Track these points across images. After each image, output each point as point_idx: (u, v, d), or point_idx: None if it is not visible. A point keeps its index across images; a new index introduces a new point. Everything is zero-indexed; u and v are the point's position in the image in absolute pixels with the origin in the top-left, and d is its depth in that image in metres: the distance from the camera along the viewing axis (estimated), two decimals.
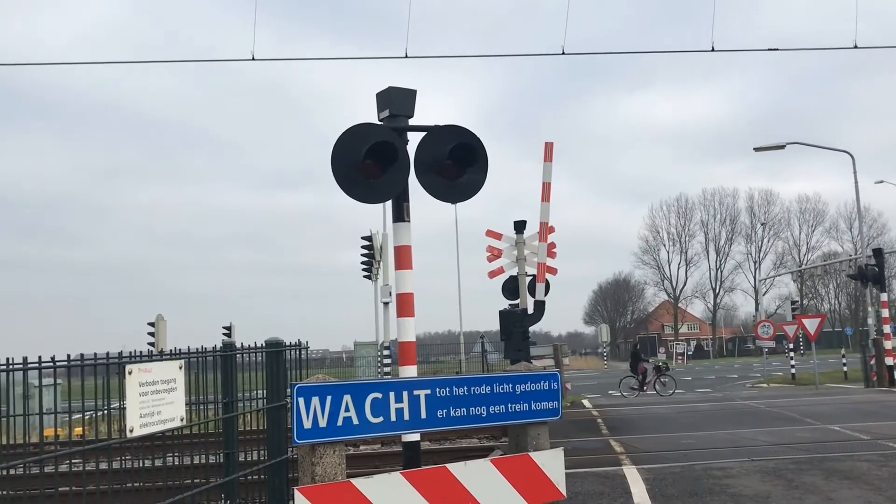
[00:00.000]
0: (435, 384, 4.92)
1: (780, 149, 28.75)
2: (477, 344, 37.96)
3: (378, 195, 6.93)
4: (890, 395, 18.82)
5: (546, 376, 5.32)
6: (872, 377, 23.58)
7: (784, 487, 7.83)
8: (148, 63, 27.58)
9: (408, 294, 6.88)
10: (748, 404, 18.04)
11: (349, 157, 6.43)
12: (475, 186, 6.95)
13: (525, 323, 14.76)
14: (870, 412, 14.85)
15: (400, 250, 6.89)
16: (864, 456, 9.47)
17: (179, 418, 4.10)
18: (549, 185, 14.07)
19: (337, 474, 4.50)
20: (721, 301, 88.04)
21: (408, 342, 6.83)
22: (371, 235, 27.72)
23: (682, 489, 7.97)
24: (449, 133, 6.79)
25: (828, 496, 7.37)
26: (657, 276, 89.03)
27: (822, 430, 12.48)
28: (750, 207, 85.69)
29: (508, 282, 17.22)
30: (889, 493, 7.35)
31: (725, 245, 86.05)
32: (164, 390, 3.96)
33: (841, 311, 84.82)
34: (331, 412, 4.48)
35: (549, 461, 5.27)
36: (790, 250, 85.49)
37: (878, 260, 23.81)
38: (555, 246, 16.29)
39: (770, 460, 9.45)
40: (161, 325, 26.60)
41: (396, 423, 4.75)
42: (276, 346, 5.40)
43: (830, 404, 16.93)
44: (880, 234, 75.88)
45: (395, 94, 6.84)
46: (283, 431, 5.31)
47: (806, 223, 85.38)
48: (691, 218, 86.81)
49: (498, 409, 5.09)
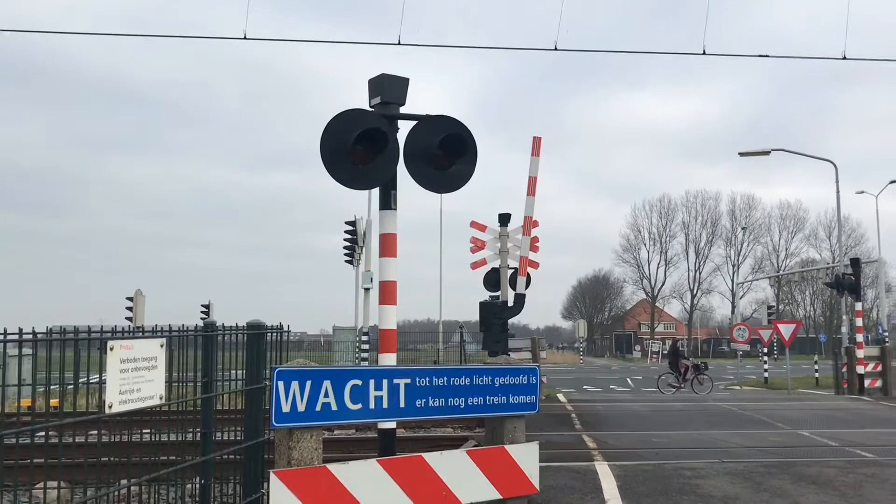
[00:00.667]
0: (415, 374, 4.95)
1: (764, 155, 28.96)
2: (455, 333, 38.06)
3: (366, 182, 6.93)
4: (859, 403, 19.07)
5: (525, 370, 5.36)
6: (843, 384, 23.86)
7: (752, 490, 7.94)
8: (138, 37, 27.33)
9: (391, 282, 6.89)
10: (721, 406, 18.22)
11: (338, 143, 6.42)
12: (463, 178, 6.96)
13: (505, 315, 14.83)
14: (839, 419, 15.05)
15: (385, 238, 6.89)
16: (831, 462, 9.61)
17: (159, 396, 4.10)
18: (535, 179, 14.10)
19: (313, 459, 4.52)
20: (698, 302, 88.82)
21: (389, 330, 6.85)
22: (355, 221, 27.67)
23: (652, 487, 8.05)
24: (440, 123, 6.79)
25: (795, 500, 7.48)
26: (636, 275, 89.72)
27: (792, 434, 12.64)
28: (731, 211, 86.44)
29: (490, 274, 17.27)
30: (854, 500, 7.47)
31: (705, 247, 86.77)
32: (144, 368, 3.95)
33: (816, 318, 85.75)
34: (310, 397, 4.50)
35: (524, 455, 5.32)
36: (769, 255, 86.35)
37: (855, 270, 24.05)
38: (538, 240, 16.34)
39: (740, 462, 9.57)
40: (139, 299, 26.44)
41: (375, 411, 4.77)
42: (257, 328, 5.40)
43: (801, 409, 17.13)
44: (858, 243, 76.70)
45: (387, 82, 6.82)
46: (261, 414, 5.31)
47: (786, 229, 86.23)
48: (673, 219, 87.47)
49: (476, 400, 5.12)
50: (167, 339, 4.31)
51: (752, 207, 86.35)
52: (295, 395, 4.42)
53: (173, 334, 4.52)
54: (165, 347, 4.19)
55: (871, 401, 20.03)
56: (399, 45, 11.72)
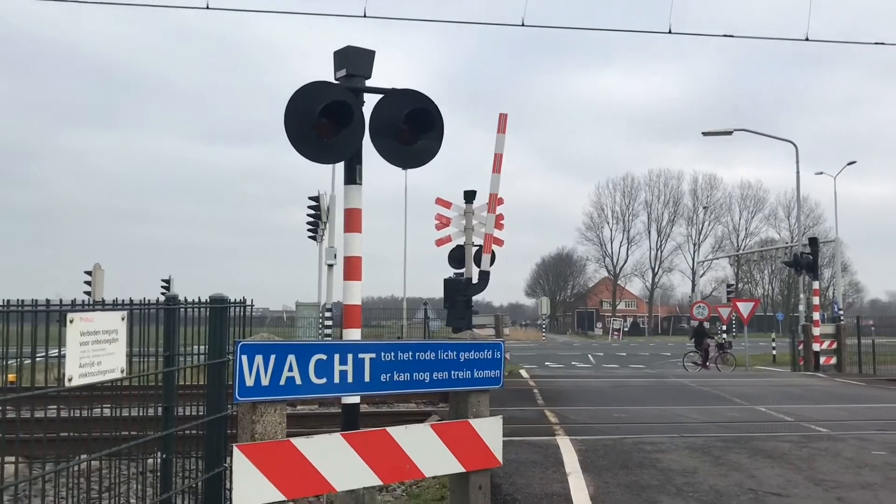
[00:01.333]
0: (380, 348, 4.94)
1: (727, 135, 29.27)
2: (419, 310, 38.12)
3: (331, 156, 6.87)
4: (815, 380, 19.52)
5: (490, 345, 5.38)
6: (800, 362, 24.40)
7: (711, 464, 8.09)
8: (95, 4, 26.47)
9: (356, 257, 6.86)
10: (680, 382, 18.52)
11: (303, 115, 6.33)
12: (430, 153, 6.92)
13: (469, 292, 14.87)
14: (795, 395, 15.39)
15: (350, 213, 6.85)
16: (786, 437, 9.83)
17: (120, 370, 4.04)
18: (500, 156, 14.10)
19: (277, 433, 4.50)
20: (659, 280, 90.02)
21: (353, 305, 6.82)
22: (319, 196, 27.46)
23: (612, 461, 8.17)
24: (406, 97, 6.73)
25: (751, 474, 7.64)
26: (599, 253, 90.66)
27: (749, 410, 12.89)
28: (693, 191, 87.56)
29: (455, 251, 17.27)
30: (808, 473, 7.66)
31: (667, 226, 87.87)
32: (105, 341, 3.89)
33: (774, 297, 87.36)
34: (274, 371, 4.47)
35: (488, 429, 5.35)
36: (729, 235, 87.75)
37: (813, 249, 24.49)
38: (503, 217, 16.37)
39: (699, 437, 9.74)
40: (98, 274, 26.06)
41: (340, 385, 4.76)
42: (220, 302, 5.34)
43: (758, 386, 17.48)
44: (816, 223, 78.19)
45: (352, 54, 6.74)
46: (224, 388, 5.27)
47: (746, 209, 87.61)
48: (636, 198, 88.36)
49: (441, 375, 5.13)
50: (128, 311, 4.24)
51: (713, 187, 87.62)
52: (259, 369, 4.38)
53: (134, 307, 4.45)
54: (126, 320, 4.13)
55: (825, 377, 20.51)
56: (365, 17, 11.59)
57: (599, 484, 7.19)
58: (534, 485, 7.17)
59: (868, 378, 20.43)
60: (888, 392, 16.38)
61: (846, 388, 17.12)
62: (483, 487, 5.38)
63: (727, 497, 6.76)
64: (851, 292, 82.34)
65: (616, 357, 39.12)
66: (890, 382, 18.74)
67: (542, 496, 6.78)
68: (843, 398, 14.96)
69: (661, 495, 6.81)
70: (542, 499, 6.70)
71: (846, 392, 16.28)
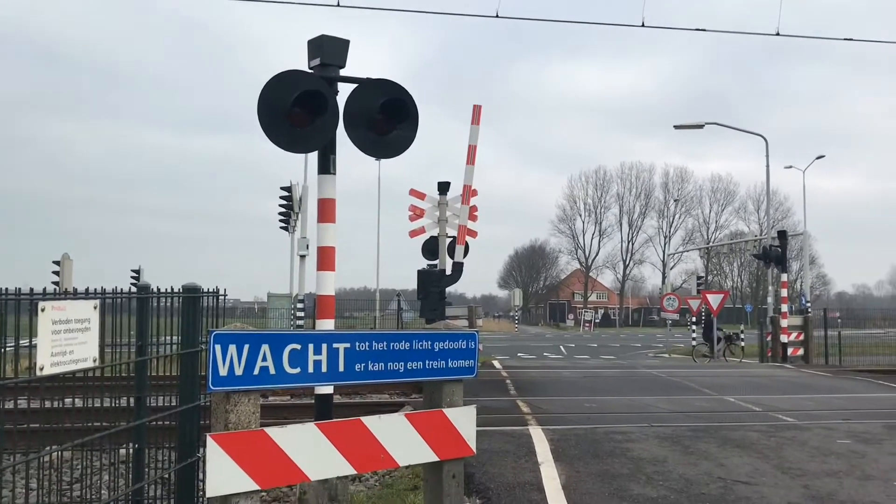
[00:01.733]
0: (354, 338, 4.94)
1: (698, 128, 29.55)
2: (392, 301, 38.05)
3: (305, 145, 6.83)
4: (783, 371, 19.82)
5: (464, 335, 5.40)
6: (768, 353, 24.75)
7: (680, 453, 8.20)
8: None
9: (329, 248, 6.84)
10: (650, 373, 18.71)
11: (276, 104, 6.30)
12: (404, 143, 6.91)
13: (442, 283, 14.89)
14: (763, 385, 15.62)
15: (324, 203, 6.82)
16: (755, 426, 9.98)
17: (92, 359, 4.00)
18: (474, 147, 14.10)
19: (251, 423, 4.48)
20: (630, 272, 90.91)
21: (326, 296, 6.81)
22: (291, 186, 27.31)
23: (584, 450, 8.25)
24: (381, 87, 6.72)
25: (720, 462, 7.76)
26: (571, 245, 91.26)
27: (718, 400, 13.07)
28: (665, 183, 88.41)
29: (429, 242, 17.27)
30: (775, 462, 7.79)
31: (638, 219, 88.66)
32: (77, 329, 3.85)
33: (743, 289, 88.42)
34: (248, 360, 4.45)
35: (462, 418, 5.37)
36: (699, 227, 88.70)
37: (782, 242, 24.83)
38: (477, 209, 16.39)
39: (668, 427, 9.87)
40: (67, 264, 25.73)
41: (314, 375, 4.75)
42: (192, 291, 5.31)
43: (727, 376, 17.71)
44: (785, 217, 79.31)
45: (327, 43, 6.70)
46: (197, 378, 5.25)
47: (716, 202, 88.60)
48: (608, 190, 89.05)
49: (415, 365, 5.14)
50: (101, 300, 4.21)
51: (684, 180, 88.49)
52: (232, 359, 4.36)
53: (107, 296, 4.41)
54: (99, 309, 4.10)
55: (793, 368, 20.84)
56: (338, 6, 11.52)
57: (571, 473, 7.26)
58: (506, 474, 7.22)
59: (834, 369, 20.79)
60: (853, 382, 16.68)
61: (813, 379, 17.41)
62: (456, 476, 5.41)
63: (696, 485, 6.86)
64: (819, 285, 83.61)
65: (587, 348, 39.41)
66: (855, 373, 19.08)
67: (515, 485, 6.83)
68: (809, 388, 15.21)
69: (631, 484, 6.89)
70: (515, 487, 6.76)
71: (813, 382, 16.55)
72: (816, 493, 6.61)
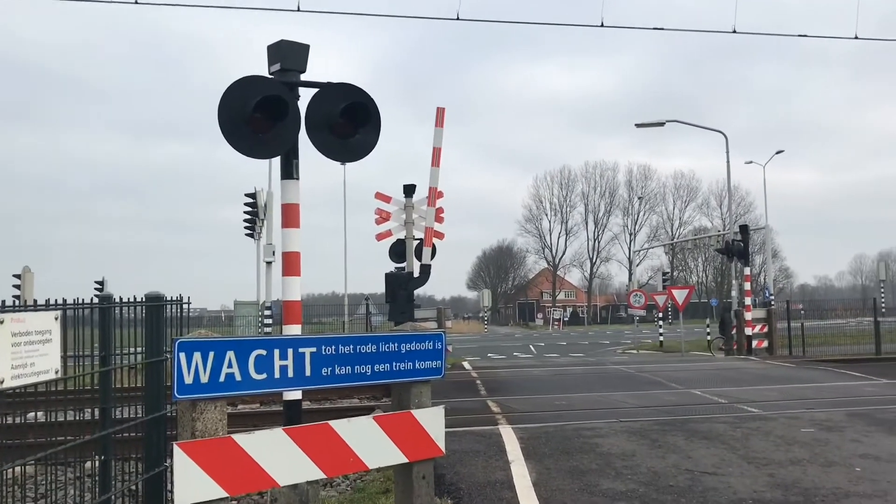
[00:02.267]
0: (321, 342, 4.93)
1: (660, 126, 29.84)
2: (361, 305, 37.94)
3: (266, 150, 6.79)
4: (747, 363, 20.11)
5: (431, 336, 5.42)
6: (733, 346, 25.08)
7: (648, 446, 8.29)
8: None
9: (294, 253, 6.82)
10: (619, 369, 18.88)
11: (237, 110, 6.26)
12: (367, 147, 6.92)
13: (411, 286, 14.92)
14: (729, 378, 15.84)
15: (288, 208, 6.80)
16: (721, 418, 10.13)
17: (54, 371, 3.96)
18: (439, 149, 14.16)
19: (218, 430, 4.46)
20: (597, 270, 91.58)
21: (293, 301, 6.79)
22: (255, 193, 27.13)
23: (554, 448, 8.31)
24: (342, 91, 6.72)
25: (688, 455, 7.86)
26: (538, 245, 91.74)
27: (685, 393, 13.23)
28: (629, 181, 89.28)
29: (396, 245, 17.29)
30: (741, 452, 7.91)
31: (604, 217, 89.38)
32: (38, 341, 3.80)
33: (708, 284, 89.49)
34: (213, 368, 4.42)
35: (431, 419, 5.39)
36: (664, 224, 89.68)
37: (744, 236, 25.19)
38: (443, 211, 16.46)
39: (637, 421, 9.97)
40: (27, 277, 25.32)
41: (281, 380, 4.73)
42: (156, 300, 5.26)
43: (694, 370, 17.94)
44: (747, 211, 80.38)
45: (286, 48, 6.69)
46: (162, 387, 5.20)
47: (680, 199, 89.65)
48: (573, 189, 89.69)
49: (383, 367, 5.15)
50: (62, 311, 4.16)
51: (647, 178, 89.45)
52: (197, 367, 4.34)
53: (68, 307, 4.36)
54: (60, 321, 4.05)
55: (758, 360, 21.16)
56: (298, 11, 11.49)
57: (541, 470, 7.31)
58: (477, 473, 7.25)
59: (798, 360, 21.14)
60: (816, 372, 16.99)
61: (777, 370, 17.69)
62: (427, 477, 5.43)
63: (664, 477, 6.95)
64: (781, 277, 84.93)
65: (557, 346, 39.62)
66: (818, 363, 19.43)
67: (486, 484, 6.87)
68: (774, 380, 15.45)
69: (600, 479, 6.96)
70: (486, 486, 6.79)
71: (777, 374, 16.82)
72: (781, 482, 6.73)
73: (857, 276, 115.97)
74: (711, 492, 6.46)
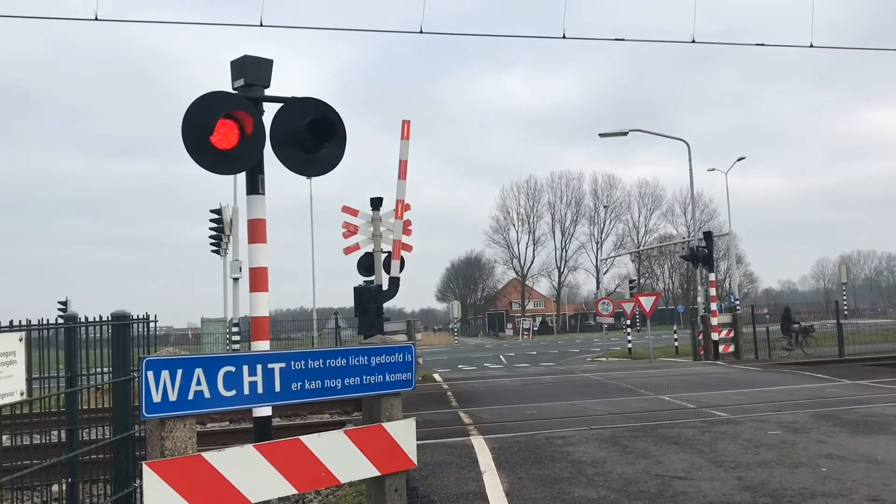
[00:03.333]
0: (290, 357, 4.92)
1: (623, 135, 30.20)
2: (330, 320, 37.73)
3: (231, 166, 6.77)
4: (715, 368, 20.34)
5: (401, 349, 5.43)
6: (700, 351, 25.36)
7: (619, 453, 8.35)
8: None
9: (262, 268, 6.80)
10: (588, 377, 18.99)
11: (201, 126, 6.24)
12: (333, 161, 6.93)
13: (380, 299, 14.88)
14: (697, 383, 16.01)
15: (254, 224, 6.78)
16: (690, 423, 10.23)
17: (19, 392, 3.90)
18: (405, 162, 14.18)
19: (188, 448, 4.43)
20: (565, 279, 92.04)
21: (261, 317, 6.76)
22: (220, 209, 26.93)
23: (525, 457, 8.34)
24: (306, 105, 6.73)
25: (658, 460, 7.93)
26: (507, 255, 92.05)
27: (654, 399, 13.35)
28: (594, 190, 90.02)
29: (364, 258, 17.27)
30: (710, 456, 8.00)
31: (570, 226, 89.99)
32: (2, 363, 3.76)
33: (674, 290, 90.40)
34: (181, 386, 4.40)
35: (402, 431, 5.40)
36: (629, 232, 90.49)
37: (708, 242, 25.52)
38: (410, 223, 16.49)
39: (607, 428, 10.04)
40: None
41: (250, 397, 4.72)
42: (122, 318, 5.22)
43: (662, 376, 18.10)
44: (711, 218, 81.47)
45: (250, 63, 6.69)
46: (130, 407, 5.16)
47: (645, 207, 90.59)
48: (539, 199, 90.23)
49: (353, 381, 5.15)
50: (27, 332, 4.11)
51: (612, 186, 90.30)
52: (166, 385, 4.31)
53: (33, 328, 4.31)
54: (25, 341, 4.00)
55: (725, 365, 21.41)
56: (261, 26, 11.48)
57: (514, 480, 7.33)
58: (449, 485, 7.25)
59: (764, 363, 21.43)
60: (782, 375, 17.23)
61: (744, 374, 17.91)
62: (399, 490, 5.43)
63: (635, 483, 7.00)
64: (746, 283, 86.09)
65: (527, 356, 39.74)
66: (783, 366, 19.72)
67: (459, 495, 6.87)
68: (741, 383, 15.65)
69: (572, 486, 7.00)
70: (459, 498, 6.79)
71: (744, 377, 17.03)
72: (749, 484, 6.82)
73: (819, 280, 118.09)
74: (682, 496, 6.53)
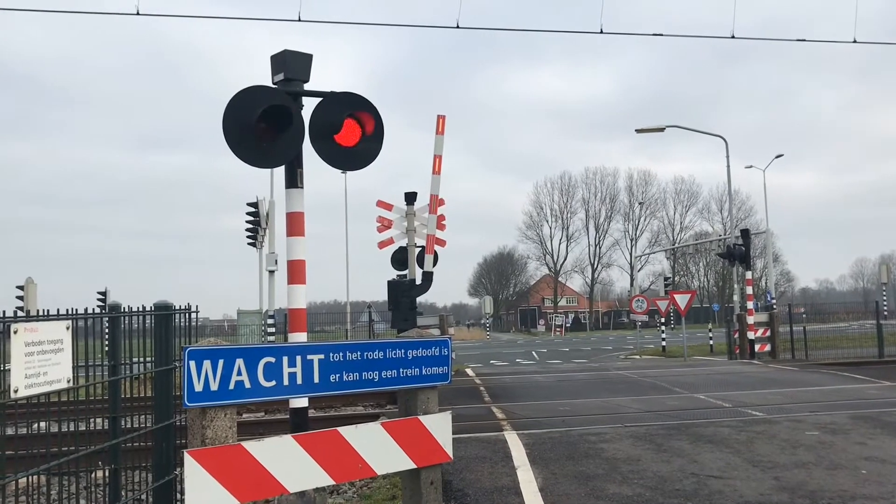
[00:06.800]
0: (328, 349, 4.97)
1: (659, 131, 29.91)
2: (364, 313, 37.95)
3: (271, 160, 6.84)
4: (750, 367, 20.11)
5: (437, 342, 5.46)
6: (736, 350, 25.08)
7: (654, 451, 8.31)
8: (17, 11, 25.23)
9: (299, 261, 6.85)
10: (622, 374, 18.89)
11: (242, 120, 6.31)
12: (370, 155, 6.96)
13: (413, 293, 14.92)
14: (732, 382, 15.86)
15: (292, 217, 6.84)
16: (725, 422, 10.14)
17: (66, 380, 3.99)
18: (440, 157, 14.21)
19: (227, 437, 4.50)
20: (599, 276, 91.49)
21: (298, 309, 6.81)
22: (257, 202, 27.18)
23: (559, 453, 8.33)
24: (346, 100, 6.77)
25: (693, 459, 7.88)
26: (539, 251, 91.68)
27: (689, 398, 13.25)
28: (629, 187, 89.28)
29: (398, 252, 17.34)
30: (746, 455, 7.93)
31: (605, 222, 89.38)
32: (50, 351, 3.84)
33: (709, 289, 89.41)
34: (223, 376, 4.46)
35: (438, 424, 5.42)
36: (665, 229, 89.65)
37: (745, 240, 25.21)
38: (444, 218, 16.51)
39: (641, 426, 9.99)
40: (30, 288, 25.38)
41: (289, 387, 4.77)
42: (165, 309, 5.30)
43: (697, 375, 17.95)
44: (748, 216, 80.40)
45: (290, 58, 6.74)
46: (171, 396, 5.23)
47: (680, 203, 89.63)
48: (573, 195, 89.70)
49: (390, 373, 5.19)
50: (73, 321, 4.20)
51: (648, 183, 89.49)
52: (207, 375, 4.38)
53: (79, 316, 4.40)
54: (71, 330, 4.09)
55: (761, 364, 21.16)
56: (300, 21, 11.56)
57: (547, 475, 7.33)
58: (483, 479, 7.27)
59: (801, 363, 21.14)
60: (819, 376, 16.99)
61: (780, 374, 17.70)
62: (435, 483, 5.46)
63: (670, 482, 6.97)
64: (783, 281, 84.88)
65: (559, 353, 39.60)
66: (821, 366, 19.43)
67: (493, 490, 6.89)
68: (777, 383, 15.47)
69: (607, 483, 6.98)
70: (493, 492, 6.81)
71: (780, 377, 16.83)
72: (787, 485, 6.75)
73: (858, 280, 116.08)
74: (717, 495, 6.48)
